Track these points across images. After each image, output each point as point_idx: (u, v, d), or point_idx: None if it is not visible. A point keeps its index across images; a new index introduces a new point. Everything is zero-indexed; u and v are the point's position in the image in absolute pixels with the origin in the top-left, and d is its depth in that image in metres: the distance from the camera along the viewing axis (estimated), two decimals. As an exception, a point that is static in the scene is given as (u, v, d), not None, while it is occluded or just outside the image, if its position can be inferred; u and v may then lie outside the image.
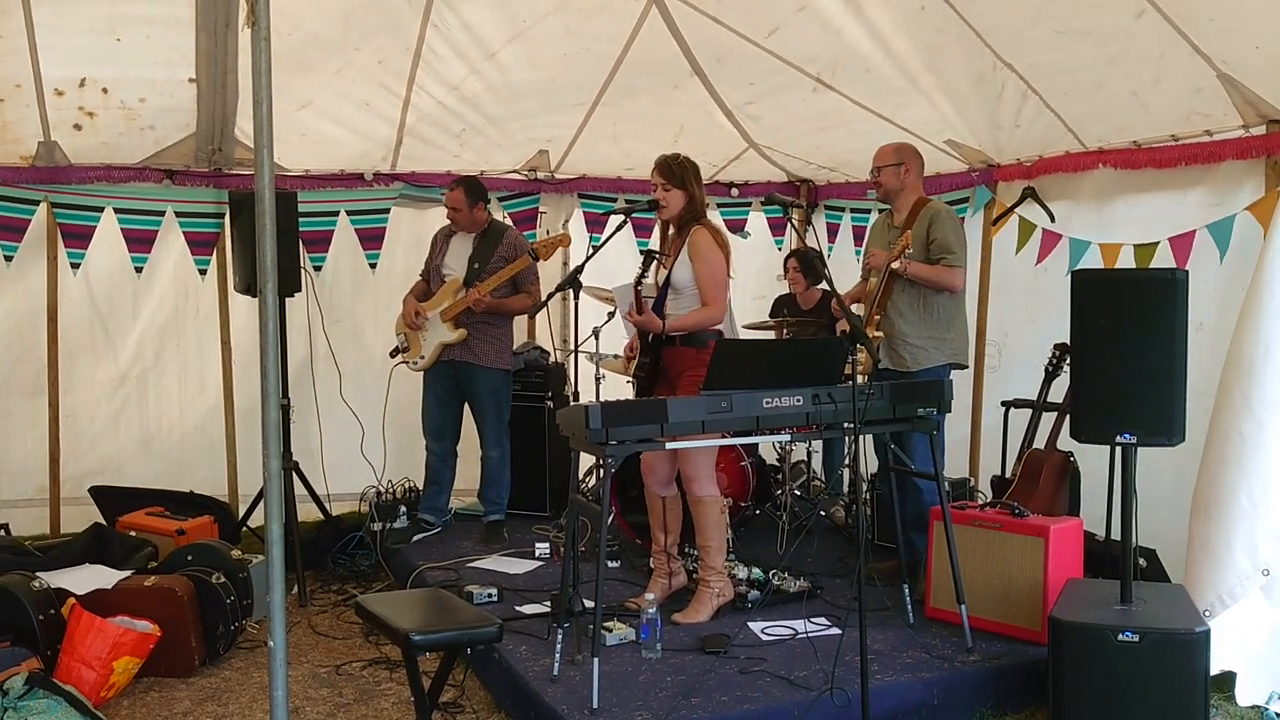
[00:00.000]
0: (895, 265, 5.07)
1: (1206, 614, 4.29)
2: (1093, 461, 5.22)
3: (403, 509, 6.42)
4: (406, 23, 5.46)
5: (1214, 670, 4.05)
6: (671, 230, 4.97)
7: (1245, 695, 4.33)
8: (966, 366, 5.38)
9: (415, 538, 6.23)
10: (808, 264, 6.93)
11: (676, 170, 4.85)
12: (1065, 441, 5.05)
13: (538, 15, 5.46)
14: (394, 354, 6.35)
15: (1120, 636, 3.88)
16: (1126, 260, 5.34)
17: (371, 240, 7.00)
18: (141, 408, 6.65)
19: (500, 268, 6.05)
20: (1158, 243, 5.19)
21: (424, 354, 6.17)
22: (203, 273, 6.64)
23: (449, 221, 6.28)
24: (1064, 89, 5.26)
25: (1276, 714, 4.26)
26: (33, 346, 6.35)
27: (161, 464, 6.68)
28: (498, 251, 6.12)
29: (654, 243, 7.37)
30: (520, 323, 7.42)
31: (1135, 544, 4.20)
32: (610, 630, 4.57)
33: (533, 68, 5.96)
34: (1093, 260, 5.53)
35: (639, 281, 4.88)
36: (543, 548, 5.99)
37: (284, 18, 3.01)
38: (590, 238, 7.52)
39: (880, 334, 5.17)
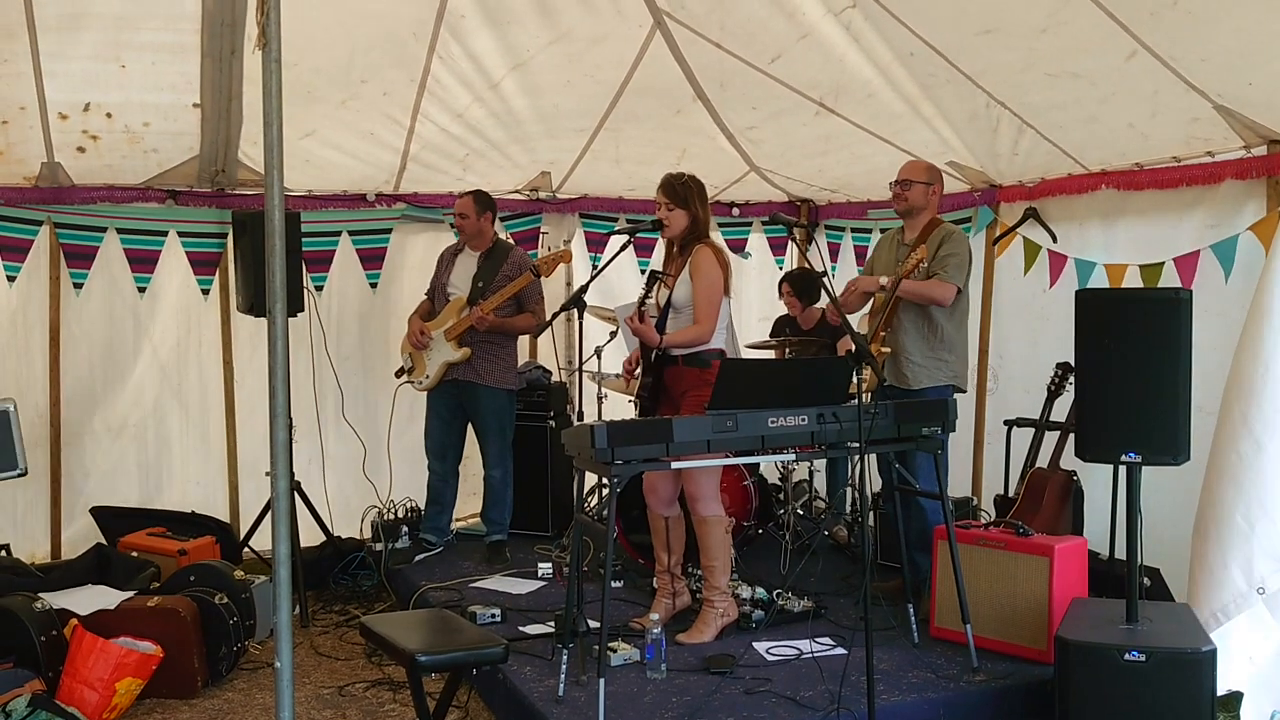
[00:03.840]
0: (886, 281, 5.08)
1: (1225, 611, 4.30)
2: (1096, 481, 5.23)
3: (404, 529, 6.40)
4: (412, 55, 5.50)
5: (1220, 690, 4.04)
6: (675, 249, 4.97)
7: (1250, 714, 4.32)
8: (965, 391, 5.37)
9: (417, 558, 6.22)
10: (801, 286, 6.93)
11: (680, 190, 4.87)
12: (1068, 460, 5.06)
13: (541, 44, 5.49)
14: (399, 374, 6.35)
15: (1126, 656, 3.87)
16: (1133, 281, 5.35)
17: (373, 260, 7.02)
18: (142, 432, 6.63)
19: (504, 286, 6.07)
20: (1163, 263, 5.22)
21: (428, 374, 6.17)
22: (205, 293, 6.65)
23: (455, 235, 6.28)
24: (1059, 123, 5.31)
25: (1282, 734, 4.26)
26: (34, 366, 6.35)
27: (163, 485, 6.66)
28: (502, 270, 6.12)
29: (654, 262, 7.44)
30: (523, 342, 7.42)
31: (1140, 563, 4.20)
32: (615, 651, 4.55)
33: (536, 94, 6.00)
34: (1099, 281, 5.54)
35: (643, 302, 4.89)
36: (545, 568, 5.97)
37: (290, 49, 3.02)
38: (591, 257, 7.55)
39: (886, 350, 5.18)
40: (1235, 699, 4.34)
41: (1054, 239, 5.93)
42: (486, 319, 5.98)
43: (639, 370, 5.07)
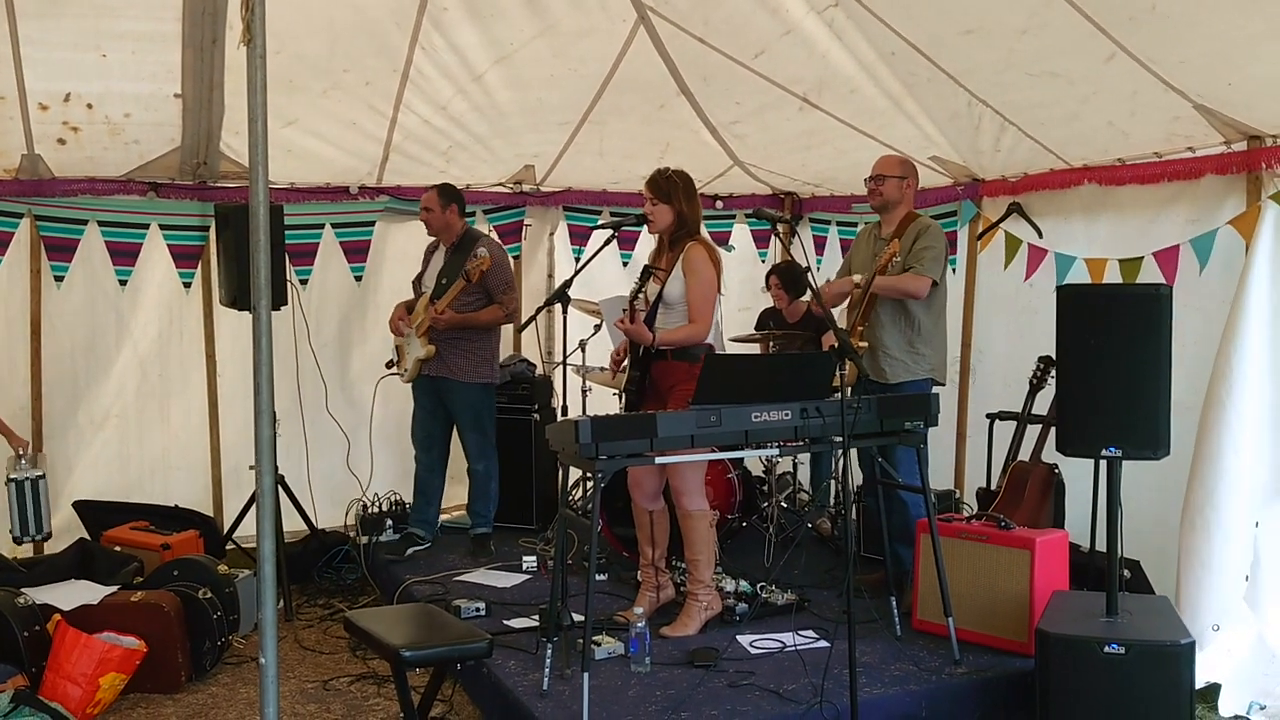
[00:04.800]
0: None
1: (1215, 628, 4.33)
2: (1077, 474, 5.26)
3: (389, 522, 6.40)
4: (395, 45, 5.49)
5: (1199, 682, 4.09)
6: (665, 244, 4.97)
7: (1228, 706, 4.37)
8: (943, 384, 5.39)
9: (409, 551, 6.19)
10: (789, 279, 6.95)
11: (663, 185, 4.86)
12: (1050, 454, 5.09)
13: (525, 38, 5.49)
14: (389, 365, 6.37)
15: (1107, 649, 3.91)
16: (1112, 275, 5.38)
17: (356, 253, 7.01)
18: (124, 425, 6.61)
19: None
20: (1142, 258, 5.25)
21: (407, 367, 6.19)
22: (187, 286, 6.63)
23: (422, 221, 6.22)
24: (1041, 120, 5.34)
25: (1259, 725, 4.30)
26: (15, 359, 6.32)
27: (146, 479, 6.65)
28: (464, 265, 6.10)
29: (638, 255, 7.43)
30: (506, 335, 7.42)
31: (1120, 556, 4.24)
32: (599, 644, 4.57)
33: (519, 88, 6.00)
34: (1079, 275, 5.58)
35: (635, 295, 4.89)
36: (530, 561, 5.98)
37: (271, 36, 3.02)
38: (574, 250, 7.55)
39: (864, 344, 5.20)
40: (1214, 690, 4.39)
41: (1039, 234, 5.95)
42: (442, 318, 5.96)
43: (626, 363, 5.08)
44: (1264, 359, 4.54)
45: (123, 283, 6.46)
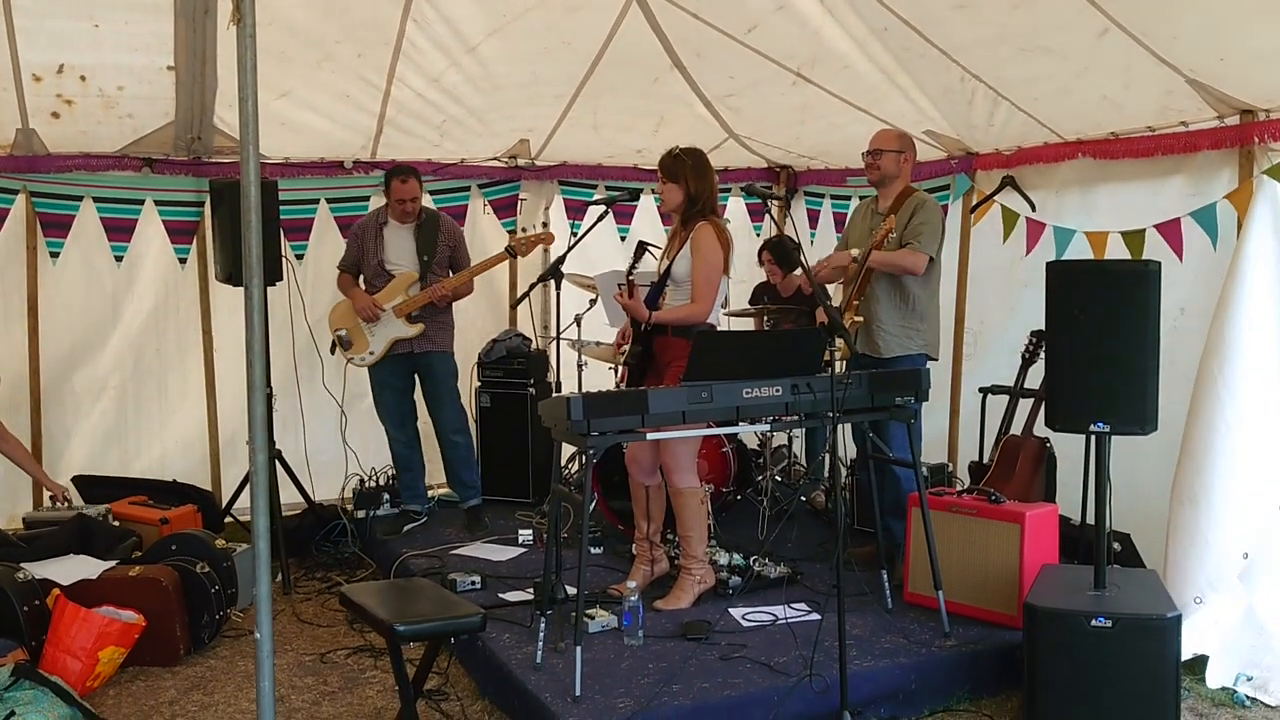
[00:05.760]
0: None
1: (1197, 600, 4.37)
2: (1070, 447, 5.28)
3: (386, 496, 6.43)
4: (386, 16, 5.46)
5: (1186, 654, 4.13)
6: (678, 223, 4.98)
7: (1215, 677, 4.42)
8: (936, 359, 5.40)
9: (406, 528, 6.24)
10: (781, 254, 6.96)
11: (671, 165, 4.87)
12: (1041, 428, 5.11)
13: (518, 10, 5.47)
14: (334, 349, 6.29)
15: (1094, 622, 3.94)
16: (1115, 247, 5.38)
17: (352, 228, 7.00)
18: (121, 400, 6.63)
19: (447, 256, 6.13)
20: (1144, 230, 5.25)
21: (374, 349, 6.14)
22: (183, 261, 6.63)
23: (398, 210, 6.12)
24: (1034, 95, 5.34)
25: (1245, 695, 4.34)
26: (12, 335, 6.34)
27: (143, 453, 6.68)
28: (441, 240, 6.13)
29: (634, 230, 7.43)
30: (502, 309, 7.44)
31: (1109, 530, 4.27)
32: (592, 618, 4.61)
33: (513, 61, 5.97)
34: (1080, 248, 5.57)
35: (631, 270, 4.91)
36: (525, 534, 6.02)
37: (262, 8, 3.01)
38: (570, 224, 7.55)
39: (859, 319, 5.22)
40: (1201, 662, 4.43)
41: (1032, 207, 5.96)
42: (448, 295, 6.01)
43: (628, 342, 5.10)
44: (1266, 334, 4.54)
45: (118, 258, 6.48)
